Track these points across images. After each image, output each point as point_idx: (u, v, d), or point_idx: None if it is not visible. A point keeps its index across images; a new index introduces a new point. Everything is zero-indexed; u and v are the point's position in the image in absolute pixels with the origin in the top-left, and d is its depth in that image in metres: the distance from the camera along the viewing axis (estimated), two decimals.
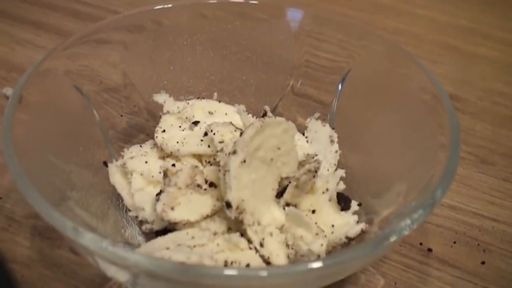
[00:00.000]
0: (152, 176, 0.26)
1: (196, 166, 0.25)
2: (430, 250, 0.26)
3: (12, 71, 0.37)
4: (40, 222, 0.26)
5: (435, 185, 0.21)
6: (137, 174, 0.27)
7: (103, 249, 0.17)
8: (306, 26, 0.30)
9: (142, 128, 0.31)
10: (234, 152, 0.23)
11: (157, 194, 0.25)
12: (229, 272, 0.17)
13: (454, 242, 0.27)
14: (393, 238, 0.19)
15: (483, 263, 0.26)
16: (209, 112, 0.30)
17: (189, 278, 0.17)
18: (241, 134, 0.24)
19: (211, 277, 0.17)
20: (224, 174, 0.23)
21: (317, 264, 0.18)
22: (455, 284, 0.25)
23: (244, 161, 0.23)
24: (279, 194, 0.26)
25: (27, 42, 0.40)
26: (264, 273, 0.18)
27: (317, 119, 0.30)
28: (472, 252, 0.26)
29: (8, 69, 0.37)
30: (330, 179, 0.26)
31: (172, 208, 0.24)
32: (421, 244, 0.27)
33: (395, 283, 0.25)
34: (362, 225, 0.23)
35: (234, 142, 0.24)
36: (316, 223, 0.24)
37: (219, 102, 0.30)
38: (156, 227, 0.25)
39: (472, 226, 0.28)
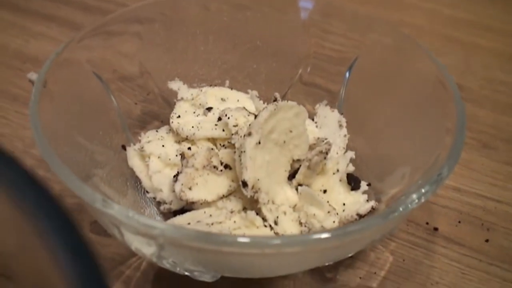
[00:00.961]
0: (169, 159, 0.27)
1: (212, 149, 0.27)
2: (436, 229, 0.28)
3: (27, 62, 0.38)
4: (63, 201, 0.27)
5: (441, 164, 0.22)
6: (154, 157, 0.28)
7: (130, 218, 0.18)
8: (315, 16, 0.31)
9: (156, 115, 0.32)
10: (250, 134, 0.24)
11: (174, 176, 0.26)
12: (247, 239, 0.18)
13: (459, 222, 0.28)
14: (401, 211, 0.20)
15: (487, 241, 0.27)
16: (222, 99, 0.31)
17: (212, 245, 0.18)
18: (255, 117, 0.25)
19: (234, 244, 0.18)
20: (240, 155, 0.24)
21: (329, 234, 0.19)
22: (461, 261, 0.26)
23: (259, 143, 0.24)
24: (291, 176, 0.27)
25: (40, 34, 0.41)
26: (278, 241, 0.19)
27: (326, 105, 0.31)
28: (476, 231, 0.28)
29: (23, 60, 0.38)
30: (340, 160, 0.27)
31: (190, 188, 0.25)
32: (427, 223, 0.28)
33: (403, 260, 0.26)
34: (372, 203, 0.25)
35: (249, 125, 0.25)
36: (328, 201, 0.25)
37: (231, 89, 0.31)
38: (174, 207, 0.26)
39: (476, 206, 0.29)
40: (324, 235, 0.19)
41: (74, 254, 0.10)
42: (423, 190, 0.21)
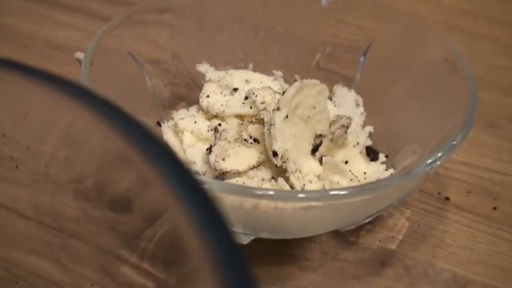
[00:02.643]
0: (201, 134, 0.29)
1: (242, 123, 0.29)
2: (447, 198, 0.30)
3: (56, 49, 0.40)
4: (81, 185, 0.29)
5: (451, 138, 0.25)
6: (187, 132, 0.30)
7: None
8: (334, 4, 0.33)
9: (183, 97, 0.34)
10: (278, 108, 0.26)
11: (208, 148, 0.28)
12: (281, 192, 0.20)
13: (468, 192, 0.30)
14: (419, 172, 0.23)
15: (494, 208, 0.29)
16: (246, 81, 0.33)
17: (250, 197, 0.20)
18: (283, 93, 0.27)
19: (271, 196, 0.20)
20: (269, 129, 0.27)
21: (352, 190, 0.21)
22: (471, 226, 0.28)
23: (286, 117, 0.27)
24: (313, 150, 0.29)
25: (66, 24, 0.43)
26: (302, 195, 0.21)
27: (343, 86, 0.33)
28: (484, 199, 0.30)
29: (52, 48, 0.40)
30: (360, 134, 0.29)
31: (223, 159, 0.27)
32: (439, 193, 0.30)
33: (418, 225, 0.28)
34: (392, 171, 0.27)
35: (278, 100, 0.27)
36: (350, 170, 0.27)
37: (254, 72, 0.33)
38: (208, 178, 0.28)
39: (483, 178, 0.31)
40: (346, 190, 0.21)
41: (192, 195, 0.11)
42: (439, 154, 0.23)
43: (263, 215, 0.23)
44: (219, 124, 0.30)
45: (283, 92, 0.27)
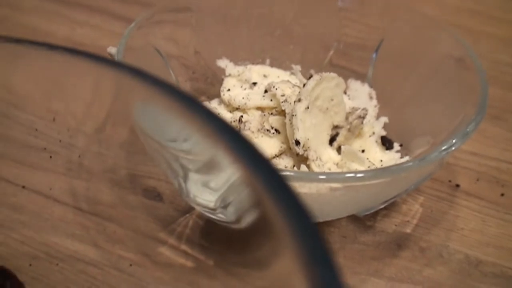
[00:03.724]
0: None
1: (264, 114, 0.30)
2: (457, 185, 0.31)
3: (77, 47, 0.41)
4: (115, 175, 0.30)
5: (466, 124, 0.26)
6: None
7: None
8: (347, 2, 0.35)
9: (203, 92, 0.35)
10: (299, 100, 0.28)
11: None
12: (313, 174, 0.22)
13: (477, 180, 0.32)
14: (435, 157, 0.24)
15: (502, 195, 0.31)
16: (264, 75, 0.34)
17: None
18: (303, 86, 0.29)
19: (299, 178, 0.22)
20: (291, 119, 0.28)
21: (375, 172, 0.23)
22: (481, 211, 0.30)
23: (307, 108, 0.28)
24: (331, 140, 0.30)
25: (84, 23, 0.45)
26: (323, 176, 0.23)
27: (356, 80, 0.35)
28: (492, 187, 0.32)
29: (73, 45, 0.41)
30: (375, 124, 0.31)
31: None
32: (450, 181, 0.32)
33: (431, 211, 0.30)
34: (407, 158, 0.28)
35: (299, 92, 0.29)
36: (367, 158, 0.29)
37: (271, 67, 0.35)
38: None
39: (491, 167, 0.33)
40: (375, 171, 0.23)
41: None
42: (453, 141, 0.25)
43: None
44: (241, 116, 0.32)
45: (304, 85, 0.29)
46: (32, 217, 0.27)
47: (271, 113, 0.32)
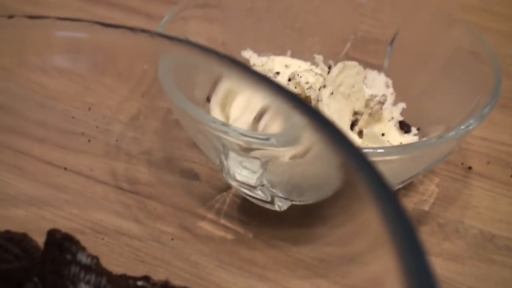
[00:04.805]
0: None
1: None
2: (470, 168, 0.34)
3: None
4: (152, 157, 0.32)
5: (477, 112, 0.28)
6: (236, 103, 0.33)
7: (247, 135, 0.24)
8: None
9: None
10: (324, 86, 0.30)
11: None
12: None
13: (488, 162, 0.34)
14: (453, 136, 0.26)
15: None
16: (286, 65, 0.36)
17: None
18: (328, 73, 0.31)
19: None
20: (316, 105, 0.30)
21: (402, 147, 0.25)
22: (493, 190, 0.32)
23: (332, 93, 0.30)
24: (351, 125, 0.32)
25: (106, 17, 0.46)
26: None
27: (373, 70, 0.37)
28: (503, 168, 0.34)
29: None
30: (393, 110, 0.33)
31: None
32: (462, 163, 0.34)
33: (447, 190, 0.32)
34: (425, 139, 0.30)
35: (324, 79, 0.31)
36: (388, 141, 0.31)
37: (292, 58, 0.37)
38: None
39: (501, 151, 0.35)
40: (403, 147, 0.25)
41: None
42: (471, 121, 0.27)
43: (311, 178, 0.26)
44: None
45: (328, 72, 0.31)
46: (76, 196, 0.28)
47: None
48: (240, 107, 0.33)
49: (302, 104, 0.16)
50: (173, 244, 0.26)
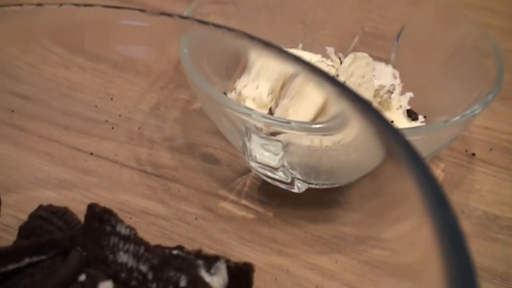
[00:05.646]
0: (262, 100, 0.34)
1: None
2: (473, 154, 0.35)
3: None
4: (174, 143, 0.34)
5: (483, 96, 0.30)
6: (249, 100, 0.35)
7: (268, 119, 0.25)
8: None
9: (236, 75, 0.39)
10: (337, 75, 0.32)
11: (269, 111, 0.33)
12: None
13: (490, 149, 0.36)
14: (459, 120, 0.28)
15: None
16: None
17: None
18: (340, 64, 0.33)
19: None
20: None
21: (411, 129, 0.26)
22: (495, 175, 0.34)
23: (344, 83, 0.32)
24: None
25: None
26: None
27: (381, 62, 0.39)
28: (504, 155, 0.36)
29: None
30: (401, 99, 0.34)
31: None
32: (466, 150, 0.36)
33: (452, 175, 0.34)
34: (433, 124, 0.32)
35: (336, 69, 0.32)
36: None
37: (304, 51, 0.39)
38: None
39: (501, 139, 0.37)
40: (413, 129, 0.26)
41: None
42: (475, 107, 0.29)
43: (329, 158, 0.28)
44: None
45: (340, 63, 0.33)
46: (103, 179, 0.30)
47: None
48: (255, 103, 0.35)
49: (349, 90, 0.18)
50: (197, 223, 0.28)
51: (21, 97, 0.34)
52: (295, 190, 0.28)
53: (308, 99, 0.33)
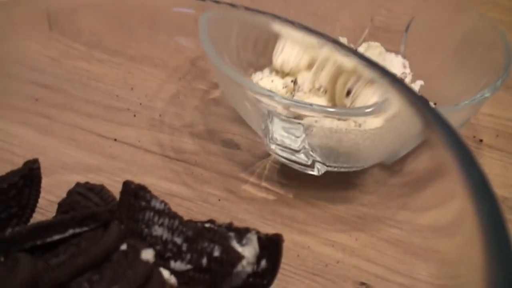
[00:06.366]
0: (278, 92, 0.36)
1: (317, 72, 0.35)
2: (481, 140, 0.37)
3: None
4: (194, 129, 0.35)
5: (492, 83, 0.31)
6: None
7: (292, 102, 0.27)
8: None
9: (251, 64, 0.40)
10: None
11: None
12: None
13: (497, 136, 0.37)
14: (469, 104, 0.29)
15: None
16: None
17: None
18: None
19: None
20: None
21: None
22: (502, 160, 0.35)
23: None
24: None
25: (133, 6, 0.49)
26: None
27: (391, 53, 0.40)
28: (510, 141, 0.37)
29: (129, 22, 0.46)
30: (412, 87, 0.36)
31: None
32: (474, 137, 0.37)
33: None
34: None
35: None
36: None
37: None
38: None
39: (508, 126, 0.38)
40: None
41: None
42: (485, 91, 0.30)
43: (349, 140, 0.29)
44: (292, 81, 0.37)
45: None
46: (128, 164, 0.31)
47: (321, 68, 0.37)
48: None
49: (389, 74, 0.19)
50: (221, 204, 0.29)
51: (44, 87, 0.35)
52: (315, 172, 0.29)
53: (323, 98, 0.35)
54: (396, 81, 0.19)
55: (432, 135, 0.17)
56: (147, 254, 0.19)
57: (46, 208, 0.26)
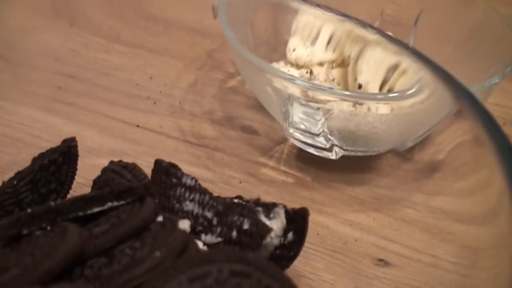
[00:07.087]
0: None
1: (332, 67, 0.36)
2: None
3: (149, 20, 0.47)
4: (213, 116, 0.36)
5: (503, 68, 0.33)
6: None
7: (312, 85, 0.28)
8: None
9: (265, 57, 0.41)
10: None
11: None
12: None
13: (504, 124, 0.39)
14: (479, 88, 0.31)
15: None
16: None
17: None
18: None
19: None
20: (354, 65, 0.34)
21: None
22: None
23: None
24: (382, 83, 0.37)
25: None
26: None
27: None
28: None
29: (146, 19, 0.47)
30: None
31: None
32: None
33: None
34: None
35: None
36: None
37: None
38: None
39: None
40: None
41: None
42: (495, 77, 0.31)
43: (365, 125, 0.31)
44: (306, 72, 0.38)
45: None
46: (151, 148, 0.32)
47: (332, 67, 0.38)
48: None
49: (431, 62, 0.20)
50: (242, 186, 0.30)
51: (67, 76, 0.36)
52: (332, 155, 0.30)
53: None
54: (426, 60, 0.20)
55: (465, 108, 0.19)
56: (184, 224, 0.21)
57: (74, 189, 0.27)
